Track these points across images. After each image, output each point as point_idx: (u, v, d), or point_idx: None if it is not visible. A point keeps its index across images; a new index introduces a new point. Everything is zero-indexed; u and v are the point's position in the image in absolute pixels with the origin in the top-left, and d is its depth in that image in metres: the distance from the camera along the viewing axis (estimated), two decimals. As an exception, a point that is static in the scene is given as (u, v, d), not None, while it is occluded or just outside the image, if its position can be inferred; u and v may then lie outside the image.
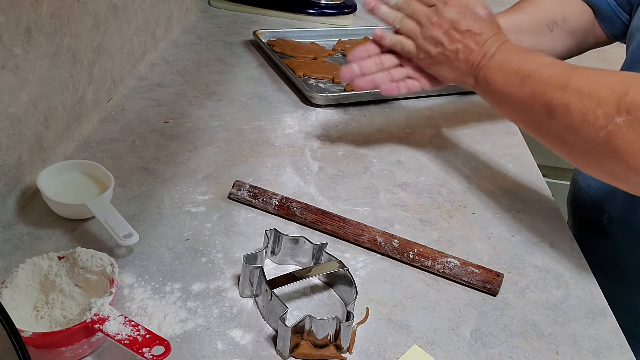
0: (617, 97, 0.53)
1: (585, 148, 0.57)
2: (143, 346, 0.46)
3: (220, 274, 0.60)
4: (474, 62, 0.68)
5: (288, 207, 0.67)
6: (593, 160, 0.57)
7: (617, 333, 0.59)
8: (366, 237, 0.65)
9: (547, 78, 0.60)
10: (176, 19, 1.17)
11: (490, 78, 0.66)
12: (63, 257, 0.53)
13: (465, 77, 0.70)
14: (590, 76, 0.57)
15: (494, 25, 0.70)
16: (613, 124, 0.53)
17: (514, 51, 0.67)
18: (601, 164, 0.56)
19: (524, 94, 0.62)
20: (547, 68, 0.61)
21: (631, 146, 0.52)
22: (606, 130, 0.53)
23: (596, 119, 0.54)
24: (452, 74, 0.71)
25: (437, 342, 0.55)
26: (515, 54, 0.66)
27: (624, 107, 0.52)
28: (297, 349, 0.51)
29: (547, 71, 0.61)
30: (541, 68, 0.61)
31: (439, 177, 0.80)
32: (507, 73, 0.64)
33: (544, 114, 0.60)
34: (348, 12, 1.39)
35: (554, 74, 0.60)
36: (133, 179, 0.72)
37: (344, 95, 0.98)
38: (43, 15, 0.65)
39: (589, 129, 0.55)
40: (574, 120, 0.56)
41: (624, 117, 0.52)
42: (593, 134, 0.55)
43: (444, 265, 0.62)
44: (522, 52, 0.66)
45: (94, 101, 0.82)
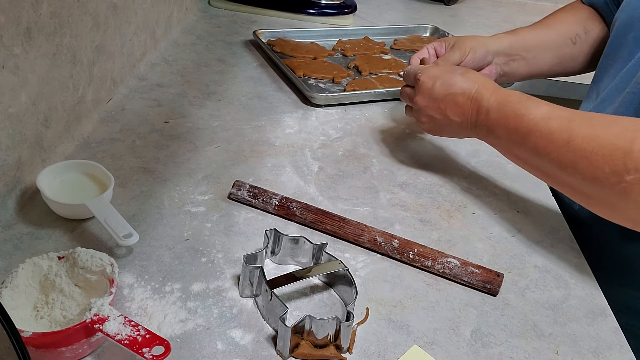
0: (622, 154, 0.52)
1: (604, 200, 0.56)
2: (143, 346, 0.46)
3: (220, 274, 0.60)
4: (470, 119, 0.70)
5: (288, 207, 0.67)
6: (616, 211, 0.56)
7: (617, 333, 0.59)
8: (366, 237, 0.65)
9: (548, 135, 0.59)
10: (176, 19, 1.17)
11: (492, 133, 0.67)
12: (63, 257, 0.53)
13: (471, 133, 0.71)
14: (591, 129, 0.56)
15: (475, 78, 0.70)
16: (625, 182, 0.52)
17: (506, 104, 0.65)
18: (626, 214, 0.55)
19: (529, 150, 0.61)
20: (546, 123, 0.60)
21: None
22: (619, 187, 0.53)
23: (607, 178, 0.54)
24: (458, 133, 0.74)
25: (437, 342, 0.55)
26: (509, 108, 0.64)
27: (632, 165, 0.52)
28: (297, 349, 0.51)
29: (547, 127, 0.59)
30: (539, 124, 0.60)
31: (439, 177, 0.80)
32: (507, 129, 0.64)
33: (554, 168, 0.59)
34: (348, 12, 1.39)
35: (554, 130, 0.59)
36: (133, 179, 0.72)
37: (344, 95, 0.98)
38: (43, 15, 0.65)
39: (602, 185, 0.55)
40: (586, 176, 0.55)
41: (633, 175, 0.51)
42: (608, 189, 0.54)
43: (444, 265, 0.62)
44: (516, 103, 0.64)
45: (94, 101, 0.82)
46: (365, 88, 1.00)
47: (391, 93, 1.00)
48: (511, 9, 1.73)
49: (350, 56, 1.16)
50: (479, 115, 0.68)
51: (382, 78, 1.06)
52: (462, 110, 0.70)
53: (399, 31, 1.33)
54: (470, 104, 0.69)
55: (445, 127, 0.74)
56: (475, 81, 0.70)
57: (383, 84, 1.02)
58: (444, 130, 0.75)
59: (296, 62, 1.08)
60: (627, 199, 0.53)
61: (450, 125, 0.72)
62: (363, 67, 1.09)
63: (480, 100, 0.68)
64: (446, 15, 1.59)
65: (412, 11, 1.60)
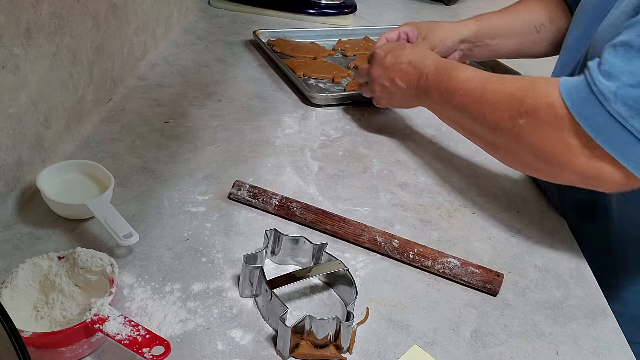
0: (518, 102, 0.62)
1: (509, 149, 0.65)
2: (143, 346, 0.46)
3: (220, 274, 0.60)
4: (414, 85, 0.79)
5: (288, 207, 0.67)
6: (519, 159, 0.65)
7: (617, 333, 0.59)
8: (366, 237, 0.65)
9: (467, 92, 0.69)
10: (176, 19, 1.17)
11: (429, 96, 0.76)
12: (63, 257, 0.53)
13: (414, 101, 0.81)
14: (498, 86, 0.66)
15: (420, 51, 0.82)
16: (518, 126, 0.61)
17: (441, 69, 0.75)
18: (524, 160, 0.64)
19: (454, 108, 0.71)
20: (468, 83, 0.70)
21: (538, 143, 0.60)
22: (514, 131, 0.62)
23: (505, 124, 0.63)
24: (404, 102, 0.84)
25: (437, 342, 0.55)
26: (442, 73, 0.75)
27: (524, 110, 0.61)
28: (297, 349, 0.51)
29: (468, 86, 0.69)
30: (463, 84, 0.70)
31: (439, 177, 0.80)
32: (440, 90, 0.74)
33: (471, 122, 0.69)
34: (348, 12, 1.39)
35: (472, 87, 0.69)
36: (133, 179, 0.72)
37: (344, 95, 0.98)
38: (43, 15, 0.65)
39: (502, 132, 0.64)
40: (491, 125, 0.65)
41: (524, 119, 0.61)
42: (507, 135, 0.63)
43: (444, 265, 0.62)
44: (449, 69, 0.74)
45: (94, 101, 0.82)
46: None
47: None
48: (511, 9, 1.73)
49: (350, 56, 1.16)
50: (420, 81, 0.78)
51: (382, 78, 1.06)
52: (408, 77, 0.80)
53: (399, 31, 1.33)
54: (414, 71, 0.79)
55: (394, 95, 0.83)
56: (420, 53, 0.81)
57: (383, 84, 1.02)
58: (393, 98, 0.84)
59: (296, 62, 1.08)
60: (520, 142, 0.62)
61: (398, 92, 0.82)
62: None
63: (423, 68, 0.78)
64: (446, 15, 1.59)
65: (412, 11, 1.60)
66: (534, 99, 0.60)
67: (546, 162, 0.61)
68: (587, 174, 0.59)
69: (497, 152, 0.69)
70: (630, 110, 0.53)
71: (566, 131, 0.57)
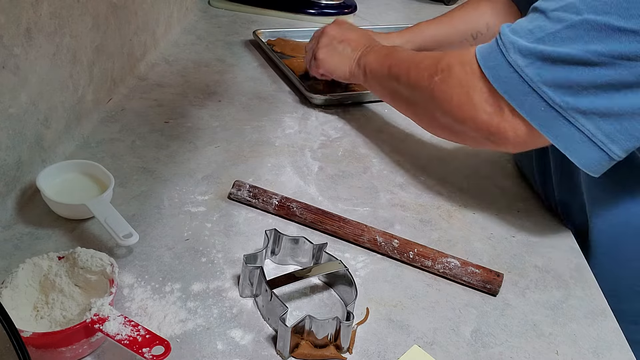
0: (436, 61, 0.67)
1: (424, 107, 0.70)
2: (143, 346, 0.46)
3: (220, 274, 0.60)
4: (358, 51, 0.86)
5: (288, 207, 0.67)
6: (431, 117, 0.69)
7: (617, 333, 0.59)
8: (366, 237, 0.65)
9: (399, 55, 0.76)
10: (176, 19, 1.17)
11: (368, 61, 0.82)
12: (63, 257, 0.53)
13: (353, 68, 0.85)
14: (423, 54, 0.72)
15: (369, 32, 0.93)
16: (433, 82, 0.66)
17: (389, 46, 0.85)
18: (436, 118, 0.68)
19: (384, 69, 0.77)
20: (402, 51, 0.78)
21: (447, 98, 0.64)
22: (430, 88, 0.66)
23: (423, 80, 0.68)
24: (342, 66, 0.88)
25: (437, 342, 0.55)
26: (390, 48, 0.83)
27: (440, 68, 0.66)
28: (297, 349, 0.51)
29: (401, 51, 0.78)
30: (398, 50, 0.79)
31: (439, 177, 0.80)
32: (378, 56, 0.81)
33: (395, 81, 0.74)
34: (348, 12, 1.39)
35: (407, 52, 0.76)
36: (133, 179, 0.72)
37: (344, 96, 0.98)
38: (43, 15, 0.65)
39: (421, 89, 0.68)
40: (411, 82, 0.70)
41: (439, 75, 0.65)
42: (424, 92, 0.68)
43: (444, 265, 0.62)
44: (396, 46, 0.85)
45: (94, 101, 0.82)
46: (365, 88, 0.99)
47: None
48: (511, 9, 1.73)
49: (350, 56, 1.16)
50: (366, 49, 0.84)
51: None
52: (357, 43, 0.87)
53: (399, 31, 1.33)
54: (365, 40, 0.87)
55: (335, 55, 0.88)
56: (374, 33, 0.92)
57: (383, 84, 1.02)
58: (334, 57, 0.89)
59: (296, 62, 1.08)
60: (433, 98, 0.66)
61: (342, 55, 0.88)
62: (363, 67, 1.09)
63: (372, 41, 0.87)
64: (446, 15, 1.59)
65: (412, 11, 1.59)
66: (451, 57, 0.65)
67: (453, 118, 0.65)
68: (491, 129, 0.61)
69: (415, 113, 0.73)
70: (525, 59, 0.56)
71: (473, 86, 0.61)
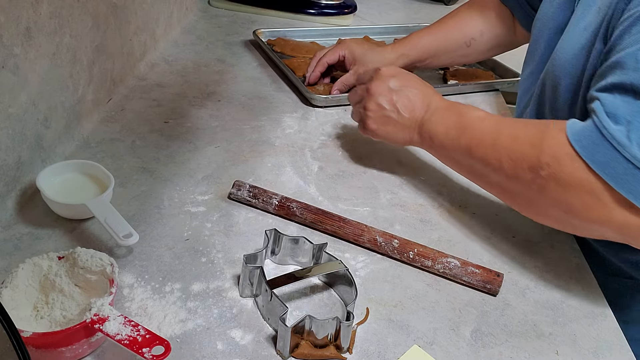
0: (536, 152, 0.56)
1: (528, 199, 0.60)
2: (143, 346, 0.46)
3: (220, 274, 0.60)
4: (417, 117, 0.71)
5: (288, 207, 0.67)
6: (539, 210, 0.60)
7: (617, 333, 0.59)
8: (366, 237, 0.65)
9: (479, 132, 0.64)
10: (176, 19, 1.17)
11: (433, 131, 0.69)
12: (63, 257, 0.53)
13: (412, 135, 0.73)
14: (512, 131, 0.61)
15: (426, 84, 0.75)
16: (540, 177, 0.56)
17: (452, 105, 0.70)
18: (545, 210, 0.59)
19: (461, 148, 0.65)
20: (479, 122, 0.65)
21: (565, 198, 0.55)
22: (536, 183, 0.57)
23: (525, 173, 0.58)
24: (399, 134, 0.74)
25: (437, 342, 0.55)
26: (453, 108, 0.69)
27: (544, 161, 0.56)
28: (297, 349, 0.51)
29: (479, 125, 0.64)
30: (474, 122, 0.65)
31: (439, 177, 0.80)
32: (446, 126, 0.68)
33: (482, 166, 0.63)
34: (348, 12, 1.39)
35: (485, 128, 0.64)
36: (133, 179, 0.72)
37: (344, 96, 0.98)
38: (43, 15, 0.65)
39: (522, 182, 0.58)
40: (508, 173, 0.60)
41: (546, 171, 0.55)
42: (527, 186, 0.58)
43: (444, 265, 0.62)
44: (458, 105, 0.70)
45: (94, 101, 0.82)
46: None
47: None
48: (511, 9, 1.73)
49: (350, 56, 1.16)
50: (426, 113, 0.71)
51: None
52: (413, 106, 0.72)
53: (399, 30, 1.33)
54: (422, 102, 0.72)
55: (389, 121, 0.74)
56: (430, 87, 0.74)
57: (383, 84, 1.02)
58: (387, 125, 0.74)
59: (296, 62, 1.08)
60: (543, 195, 0.57)
61: (396, 121, 0.73)
62: (363, 67, 1.09)
63: (432, 101, 0.71)
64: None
65: (412, 11, 1.60)
66: (551, 148, 0.56)
67: (579, 218, 0.56)
68: (620, 227, 0.53)
69: (514, 201, 0.63)
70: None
71: (591, 185, 0.53)
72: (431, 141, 0.70)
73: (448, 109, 0.70)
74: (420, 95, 0.72)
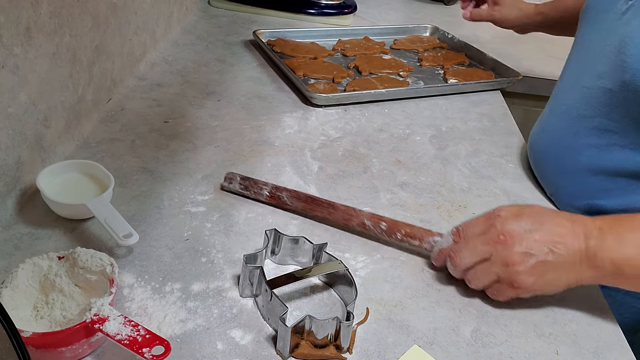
0: None
1: None
2: (143, 346, 0.46)
3: (220, 274, 0.60)
4: (578, 248, 0.55)
5: (279, 197, 0.68)
6: None
7: (617, 333, 0.59)
8: (355, 221, 0.66)
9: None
10: (176, 19, 1.17)
11: (618, 257, 0.54)
12: (63, 257, 0.53)
13: (578, 272, 0.56)
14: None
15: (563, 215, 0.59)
16: None
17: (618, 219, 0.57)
18: None
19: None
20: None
21: None
22: None
23: None
24: (562, 277, 0.56)
25: (437, 342, 0.55)
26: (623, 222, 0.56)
27: None
28: (297, 349, 0.51)
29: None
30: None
31: (439, 177, 0.80)
32: (636, 245, 0.54)
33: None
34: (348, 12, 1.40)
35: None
36: (133, 179, 0.72)
37: (344, 95, 0.98)
38: (43, 15, 0.65)
39: None
40: None
41: None
42: None
43: (431, 245, 0.63)
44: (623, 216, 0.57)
45: (94, 101, 0.82)
46: (366, 88, 1.00)
47: (391, 93, 1.00)
48: (511, 9, 1.73)
49: (350, 56, 1.16)
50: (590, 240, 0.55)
51: (382, 78, 1.06)
52: (565, 240, 0.55)
53: (399, 31, 1.33)
54: (572, 230, 0.55)
55: (547, 266, 0.55)
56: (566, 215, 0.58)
57: (383, 84, 1.02)
58: (548, 273, 0.56)
59: (296, 62, 1.08)
60: None
61: (555, 263, 0.55)
62: (363, 67, 1.09)
63: (584, 224, 0.56)
64: (446, 15, 1.59)
65: (412, 11, 1.60)
66: None
67: None
68: None
69: None
70: None
71: None
72: (619, 270, 0.54)
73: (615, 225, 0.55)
74: (566, 223, 0.57)
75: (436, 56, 1.21)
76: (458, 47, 1.27)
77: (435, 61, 1.18)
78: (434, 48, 1.27)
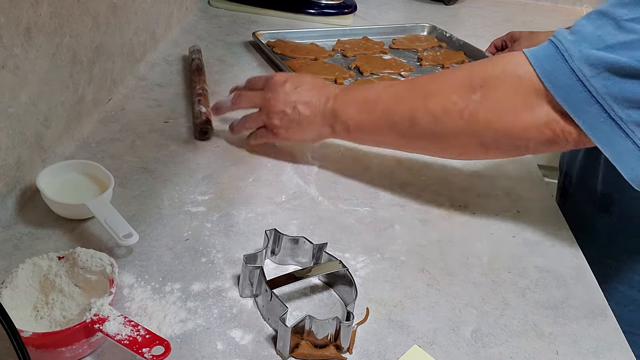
0: (467, 79, 0.58)
1: (457, 138, 0.61)
2: (143, 346, 0.46)
3: (220, 274, 0.60)
4: (318, 108, 0.71)
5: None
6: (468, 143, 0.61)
7: (617, 333, 0.59)
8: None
9: (395, 94, 0.65)
10: (176, 19, 1.17)
11: (345, 115, 0.69)
12: (63, 257, 0.53)
13: (321, 129, 0.72)
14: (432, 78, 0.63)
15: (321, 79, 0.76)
16: (472, 102, 0.57)
17: (351, 89, 0.72)
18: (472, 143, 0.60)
19: (381, 115, 0.66)
20: (390, 88, 0.67)
21: (495, 114, 0.57)
22: (468, 110, 0.58)
23: (455, 105, 0.59)
24: (308, 133, 0.74)
25: (437, 342, 0.55)
26: (354, 89, 0.71)
27: (477, 84, 0.57)
28: (297, 349, 0.51)
29: (392, 89, 0.66)
30: (385, 90, 0.67)
31: (439, 177, 0.80)
32: (357, 104, 0.68)
33: (406, 124, 0.64)
34: (348, 12, 1.40)
35: (399, 89, 0.66)
36: (133, 179, 0.72)
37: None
38: (43, 15, 0.65)
39: (453, 117, 0.59)
40: (436, 116, 0.60)
41: (479, 92, 0.57)
42: (458, 120, 0.59)
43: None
44: (357, 87, 0.71)
45: (94, 101, 0.82)
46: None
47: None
48: (511, 8, 1.73)
49: (350, 56, 1.16)
50: (327, 102, 0.71)
51: (383, 78, 1.06)
52: (311, 102, 0.72)
53: (397, 30, 1.33)
54: (319, 95, 0.72)
55: (294, 124, 0.73)
56: (322, 80, 0.76)
57: (383, 84, 1.02)
58: (293, 127, 0.73)
59: (297, 63, 1.08)
60: (476, 121, 0.58)
61: (301, 121, 0.72)
62: (364, 68, 1.09)
63: (329, 91, 0.72)
64: (446, 15, 1.59)
65: (412, 11, 1.60)
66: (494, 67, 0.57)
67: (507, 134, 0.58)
68: (550, 137, 0.57)
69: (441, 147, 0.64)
70: (592, 69, 0.52)
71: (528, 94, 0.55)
72: (346, 125, 0.70)
73: (349, 90, 0.71)
74: (315, 90, 0.73)
75: (436, 55, 1.21)
76: (456, 45, 1.27)
77: (435, 60, 1.18)
78: (432, 47, 1.27)
